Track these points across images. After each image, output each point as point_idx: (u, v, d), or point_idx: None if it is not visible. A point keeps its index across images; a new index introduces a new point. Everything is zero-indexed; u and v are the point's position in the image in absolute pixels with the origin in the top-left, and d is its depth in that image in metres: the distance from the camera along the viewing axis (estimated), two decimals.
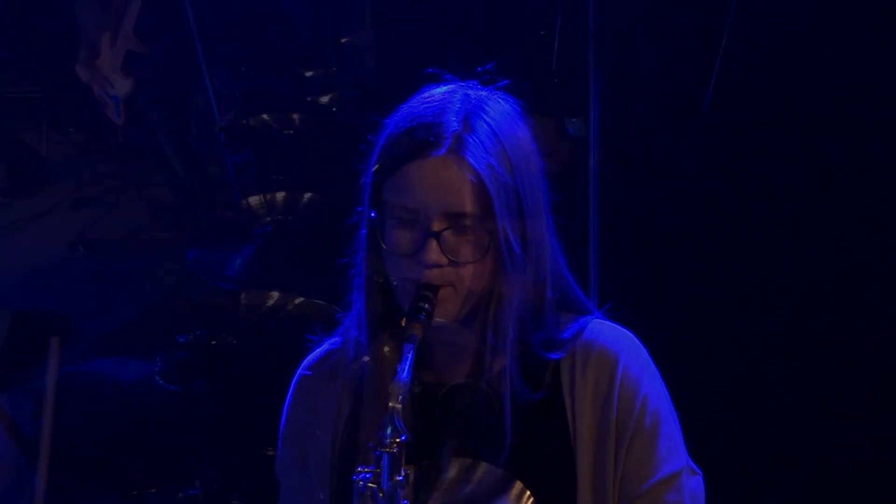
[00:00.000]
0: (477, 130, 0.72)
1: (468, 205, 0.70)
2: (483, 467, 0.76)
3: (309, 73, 3.94)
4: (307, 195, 2.24)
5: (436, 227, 0.70)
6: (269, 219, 2.00)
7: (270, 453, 1.99)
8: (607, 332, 0.81)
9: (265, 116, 2.33)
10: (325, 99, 3.93)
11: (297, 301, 1.87)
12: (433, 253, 0.70)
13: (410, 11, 2.90)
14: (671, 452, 0.76)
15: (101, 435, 2.11)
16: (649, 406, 0.76)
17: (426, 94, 0.77)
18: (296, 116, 2.36)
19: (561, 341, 0.78)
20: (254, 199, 2.19)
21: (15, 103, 4.56)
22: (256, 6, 4.58)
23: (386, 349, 0.75)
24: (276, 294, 1.91)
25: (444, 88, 0.77)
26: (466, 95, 0.75)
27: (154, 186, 4.64)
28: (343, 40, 4.04)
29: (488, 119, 0.73)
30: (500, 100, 0.77)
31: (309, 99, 3.97)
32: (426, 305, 0.69)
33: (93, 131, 5.54)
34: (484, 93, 0.77)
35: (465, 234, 0.72)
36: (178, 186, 4.10)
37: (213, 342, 1.60)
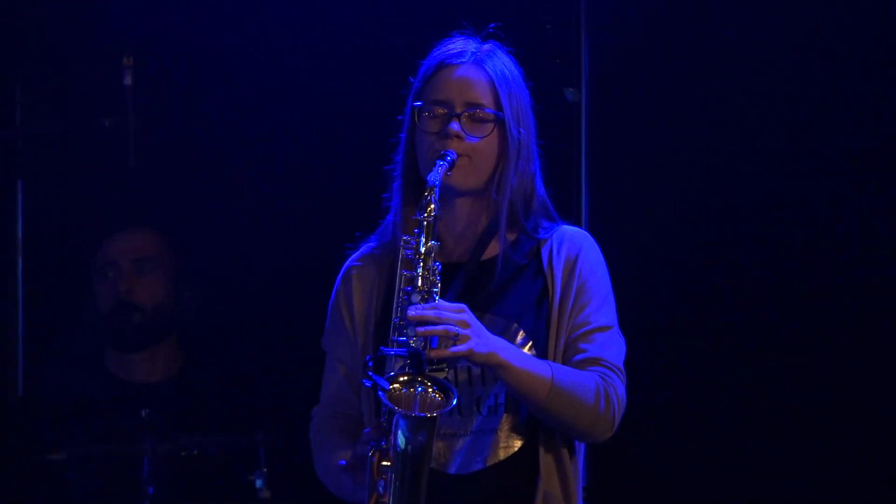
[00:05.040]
0: (489, 53, 1.06)
1: (482, 97, 1.02)
2: (488, 318, 1.00)
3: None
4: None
5: (458, 110, 1.01)
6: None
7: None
8: (576, 230, 1.15)
9: None
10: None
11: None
12: (454, 128, 0.99)
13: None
14: (606, 314, 1.05)
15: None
16: (599, 283, 1.07)
17: (452, 40, 1.09)
18: None
19: (545, 228, 1.09)
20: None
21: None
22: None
23: (415, 229, 0.93)
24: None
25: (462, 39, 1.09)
26: (479, 40, 1.09)
27: None
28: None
29: (497, 51, 1.07)
30: (503, 48, 1.10)
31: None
32: (448, 159, 0.96)
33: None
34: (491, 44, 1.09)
35: (479, 119, 1.02)
36: None
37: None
